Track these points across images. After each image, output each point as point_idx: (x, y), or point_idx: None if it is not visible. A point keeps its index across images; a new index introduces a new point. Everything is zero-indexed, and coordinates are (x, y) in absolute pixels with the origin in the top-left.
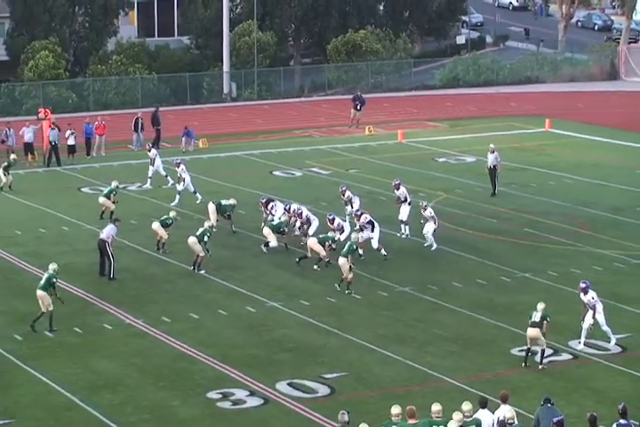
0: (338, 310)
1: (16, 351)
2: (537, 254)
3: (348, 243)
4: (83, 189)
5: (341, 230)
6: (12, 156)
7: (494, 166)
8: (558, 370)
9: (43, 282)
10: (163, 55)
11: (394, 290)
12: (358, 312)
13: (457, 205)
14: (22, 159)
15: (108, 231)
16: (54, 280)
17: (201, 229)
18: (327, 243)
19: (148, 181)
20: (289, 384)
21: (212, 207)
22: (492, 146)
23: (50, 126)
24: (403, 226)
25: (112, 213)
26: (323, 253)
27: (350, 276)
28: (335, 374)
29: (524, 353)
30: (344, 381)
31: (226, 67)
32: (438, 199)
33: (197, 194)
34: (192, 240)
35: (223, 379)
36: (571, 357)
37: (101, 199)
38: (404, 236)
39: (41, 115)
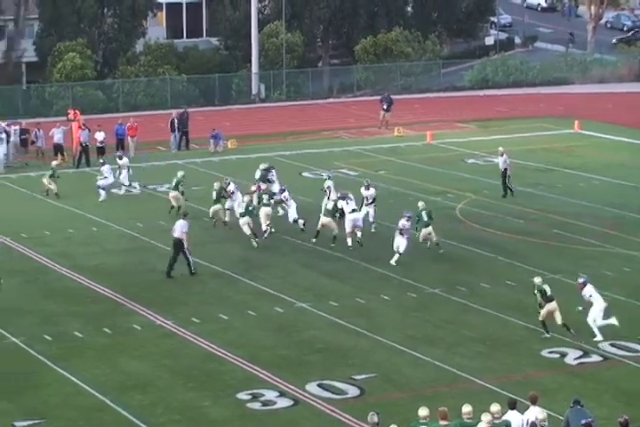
0: (367, 311)
1: (46, 352)
2: (566, 256)
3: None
4: (112, 190)
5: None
6: (54, 162)
7: (505, 169)
8: (588, 372)
9: None
10: (191, 56)
11: (423, 291)
12: (387, 313)
13: (485, 206)
14: (52, 160)
15: (180, 228)
16: None
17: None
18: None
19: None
20: (319, 385)
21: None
22: (500, 149)
23: (80, 127)
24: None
25: (179, 208)
26: (336, 230)
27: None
28: (365, 376)
29: (552, 355)
30: (374, 382)
31: (254, 68)
32: (466, 200)
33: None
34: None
35: (253, 380)
36: (601, 358)
37: (172, 193)
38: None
39: (70, 116)
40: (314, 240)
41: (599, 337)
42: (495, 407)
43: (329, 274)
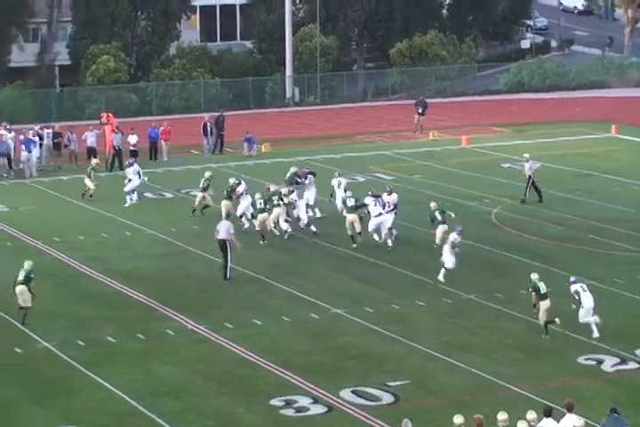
0: (402, 317)
1: (78, 357)
2: (603, 261)
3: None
4: (145, 194)
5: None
6: (94, 161)
7: (530, 175)
8: (625, 379)
9: (22, 278)
10: (225, 59)
11: (458, 297)
12: (423, 319)
13: (521, 211)
14: (85, 164)
15: (225, 229)
16: (32, 276)
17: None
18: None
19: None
20: (353, 392)
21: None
22: (526, 155)
23: (113, 131)
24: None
25: (205, 207)
26: (359, 228)
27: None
28: (399, 382)
29: (589, 362)
30: (408, 388)
31: (288, 71)
32: (503, 205)
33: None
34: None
35: (286, 386)
36: (637, 366)
37: (199, 194)
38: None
39: (103, 119)
40: (354, 246)
41: (595, 334)
42: (531, 415)
43: (363, 279)
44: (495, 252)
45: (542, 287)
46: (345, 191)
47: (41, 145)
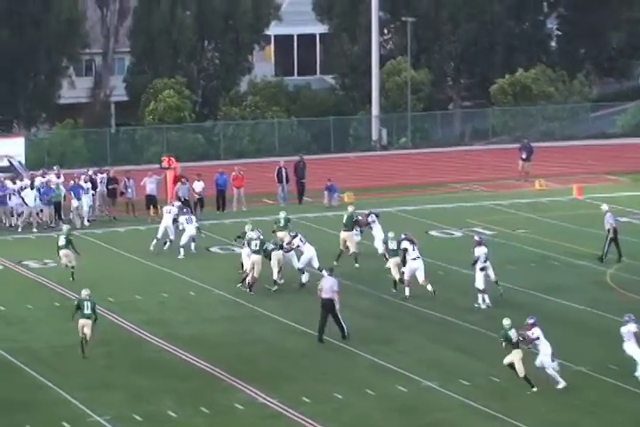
0: (502, 391)
1: None
2: None
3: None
4: (211, 249)
5: None
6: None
7: (609, 230)
8: None
9: (88, 311)
10: (303, 96)
11: (568, 369)
12: (525, 394)
13: None
14: (143, 214)
15: (329, 286)
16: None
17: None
18: None
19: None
20: None
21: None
22: (604, 207)
23: (179, 180)
24: (480, 295)
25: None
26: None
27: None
28: None
29: None
30: None
31: (375, 110)
32: (619, 265)
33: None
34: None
35: None
36: None
37: (280, 234)
38: (483, 306)
39: (164, 163)
40: (394, 290)
41: (562, 384)
42: None
43: (459, 348)
44: (610, 318)
45: (513, 336)
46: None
47: (94, 192)
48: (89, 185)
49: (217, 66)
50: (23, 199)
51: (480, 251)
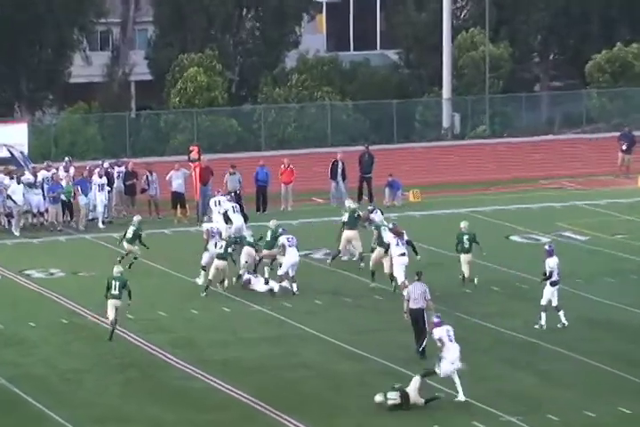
0: None
1: None
2: None
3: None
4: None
5: None
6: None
7: None
8: None
9: (116, 291)
10: (360, 75)
11: None
12: None
13: None
14: (169, 214)
15: (419, 293)
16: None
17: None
18: None
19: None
20: None
21: None
22: None
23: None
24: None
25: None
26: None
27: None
28: None
29: None
30: None
31: (446, 92)
32: None
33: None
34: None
35: None
36: None
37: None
38: (558, 325)
39: (194, 154)
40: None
41: (461, 397)
42: None
43: (546, 376)
44: None
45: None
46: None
47: (110, 189)
48: (104, 180)
49: (257, 39)
50: (10, 197)
51: (553, 262)
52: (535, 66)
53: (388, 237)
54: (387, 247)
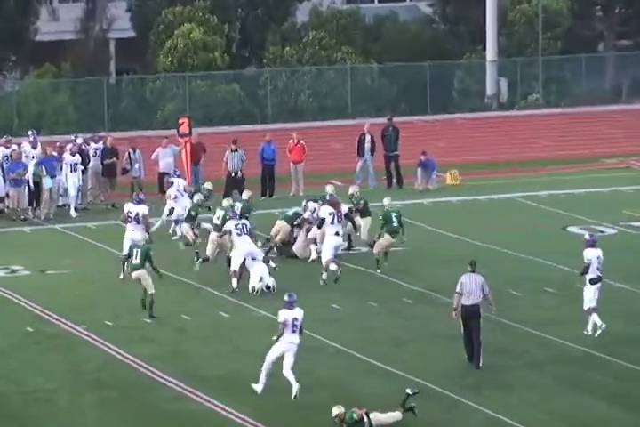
0: None
1: None
2: None
3: None
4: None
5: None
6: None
7: None
8: None
9: (137, 260)
10: (387, 32)
11: None
12: None
13: None
14: (155, 200)
15: (475, 286)
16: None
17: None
18: None
19: None
20: None
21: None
22: None
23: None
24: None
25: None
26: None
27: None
28: None
29: None
30: None
31: (490, 53)
32: None
33: None
34: None
35: None
36: None
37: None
38: (595, 333)
39: (184, 128)
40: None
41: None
42: None
43: (604, 395)
44: None
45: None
46: None
47: (84, 169)
48: (77, 159)
49: None
50: None
51: (592, 254)
52: (598, 21)
53: (322, 211)
54: (320, 224)
